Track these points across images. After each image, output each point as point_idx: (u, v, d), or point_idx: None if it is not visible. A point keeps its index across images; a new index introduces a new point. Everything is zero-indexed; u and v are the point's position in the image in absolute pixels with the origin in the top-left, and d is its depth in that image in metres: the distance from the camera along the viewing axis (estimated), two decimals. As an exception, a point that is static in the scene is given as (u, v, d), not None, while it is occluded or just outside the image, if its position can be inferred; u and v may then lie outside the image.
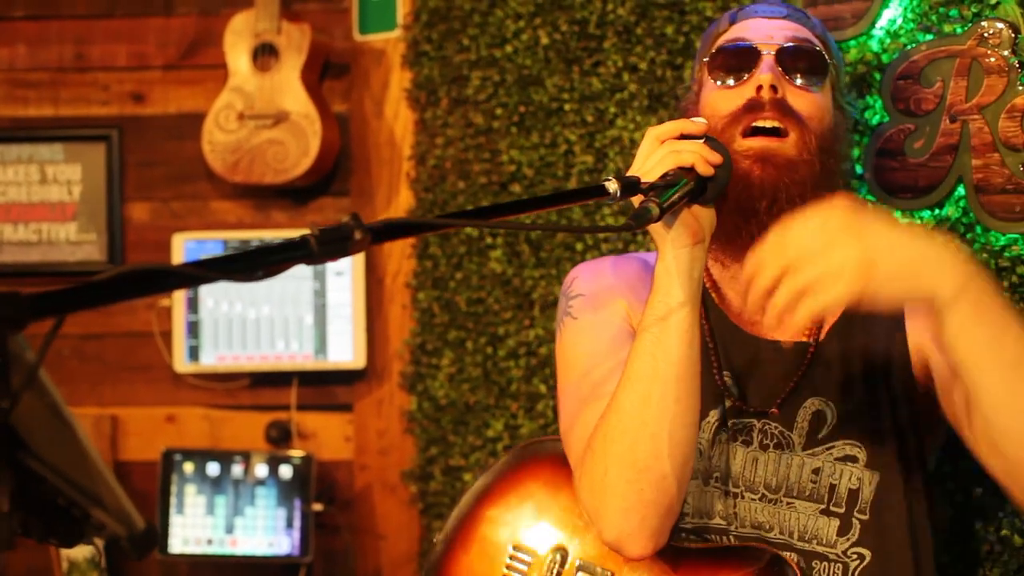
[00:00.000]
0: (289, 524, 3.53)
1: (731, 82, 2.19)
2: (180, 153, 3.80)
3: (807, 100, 2.16)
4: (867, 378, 2.18)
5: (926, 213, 2.57)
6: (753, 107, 2.13)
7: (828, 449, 2.17)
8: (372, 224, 1.47)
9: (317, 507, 3.55)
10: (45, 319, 1.16)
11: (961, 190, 2.51)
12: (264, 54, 3.59)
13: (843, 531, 2.15)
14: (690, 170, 1.96)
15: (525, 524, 2.35)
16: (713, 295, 2.29)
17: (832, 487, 2.15)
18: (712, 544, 2.21)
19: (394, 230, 1.62)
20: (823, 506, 2.16)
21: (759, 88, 2.13)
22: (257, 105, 3.56)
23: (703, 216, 2.01)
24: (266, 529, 3.54)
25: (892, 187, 2.61)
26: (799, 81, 2.16)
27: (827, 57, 2.20)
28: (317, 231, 1.41)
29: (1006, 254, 2.48)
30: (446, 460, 3.49)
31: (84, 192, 3.81)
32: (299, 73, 3.56)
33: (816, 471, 2.16)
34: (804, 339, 2.22)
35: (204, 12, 3.81)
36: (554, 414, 3.25)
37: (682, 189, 1.94)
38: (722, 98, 2.18)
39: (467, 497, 2.46)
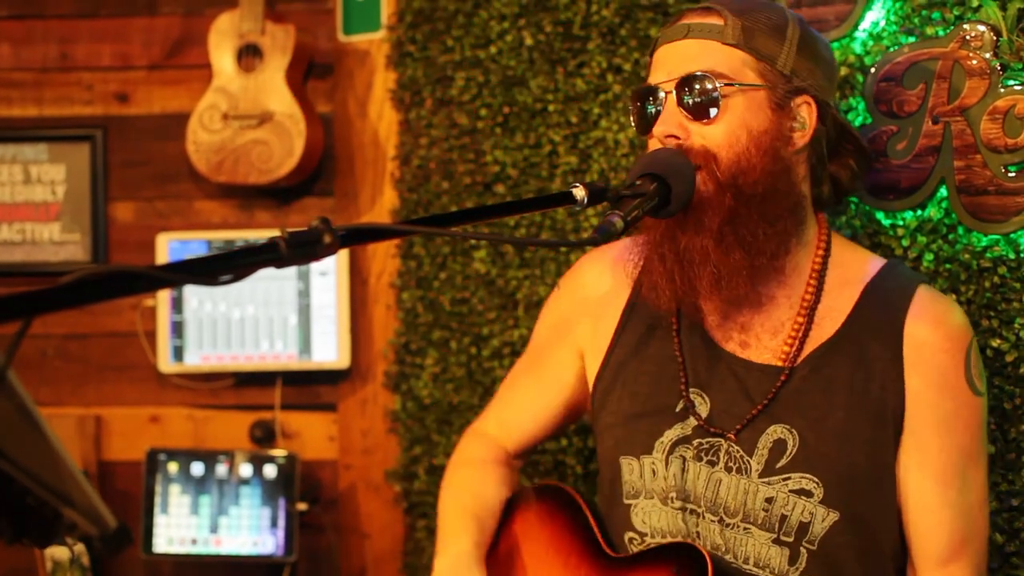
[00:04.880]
0: (273, 523, 3.53)
1: (646, 129, 2.19)
2: (164, 153, 3.79)
3: (711, 132, 2.11)
4: (844, 411, 2.14)
5: (908, 214, 2.58)
6: None
7: (784, 480, 2.14)
8: (340, 228, 1.48)
9: (301, 506, 3.54)
10: (9, 322, 1.16)
11: (943, 191, 2.53)
12: (248, 54, 3.59)
13: (792, 560, 2.14)
14: (657, 180, 1.97)
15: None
16: (693, 310, 2.27)
17: (783, 517, 2.14)
18: (635, 551, 2.24)
19: (362, 235, 1.63)
20: (774, 535, 2.14)
21: (661, 139, 2.14)
22: (241, 105, 3.56)
23: None
24: (251, 528, 3.54)
25: (875, 188, 2.62)
26: (696, 116, 2.12)
27: (725, 77, 2.11)
28: (286, 234, 1.42)
29: (988, 255, 2.50)
30: (430, 459, 3.49)
31: (68, 192, 3.80)
32: (283, 73, 3.56)
33: (769, 500, 2.14)
34: (779, 363, 2.19)
35: (188, 12, 3.80)
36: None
37: (646, 203, 1.95)
38: (646, 144, 2.20)
39: None
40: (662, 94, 2.14)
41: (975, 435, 2.17)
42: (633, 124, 2.21)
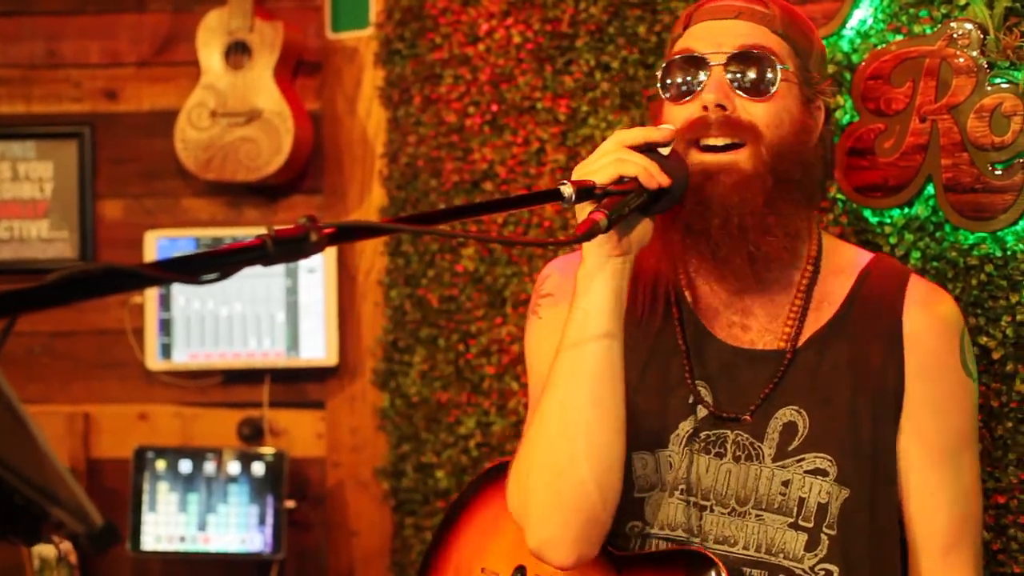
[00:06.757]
0: (262, 521, 3.52)
1: (681, 97, 2.13)
2: (152, 150, 3.78)
3: (758, 110, 2.09)
4: (849, 390, 2.14)
5: (896, 212, 2.59)
6: (701, 126, 2.08)
7: (798, 461, 2.12)
8: (328, 225, 1.47)
9: (289, 504, 3.54)
10: (-5, 321, 1.16)
11: (930, 189, 2.54)
12: (237, 52, 3.58)
13: (811, 546, 2.11)
14: (637, 180, 1.95)
15: (491, 546, 2.36)
16: (689, 299, 2.24)
17: (801, 500, 2.11)
18: (652, 550, 2.19)
19: (350, 232, 1.62)
20: (792, 520, 2.12)
21: (705, 107, 2.08)
22: (230, 103, 3.55)
23: (634, 229, 2.00)
24: (239, 526, 3.53)
25: (862, 186, 2.63)
26: (749, 91, 2.09)
27: (779, 61, 2.11)
28: (273, 232, 1.41)
29: (974, 253, 2.50)
30: (418, 457, 3.49)
31: (56, 189, 3.80)
32: (272, 71, 3.56)
33: (786, 483, 2.12)
34: (782, 346, 2.17)
35: (177, 9, 3.79)
36: (526, 410, 3.25)
37: (633, 201, 1.93)
38: (675, 112, 2.13)
39: (442, 522, 2.47)
40: (710, 65, 2.11)
41: (969, 418, 2.20)
42: (663, 91, 2.16)
